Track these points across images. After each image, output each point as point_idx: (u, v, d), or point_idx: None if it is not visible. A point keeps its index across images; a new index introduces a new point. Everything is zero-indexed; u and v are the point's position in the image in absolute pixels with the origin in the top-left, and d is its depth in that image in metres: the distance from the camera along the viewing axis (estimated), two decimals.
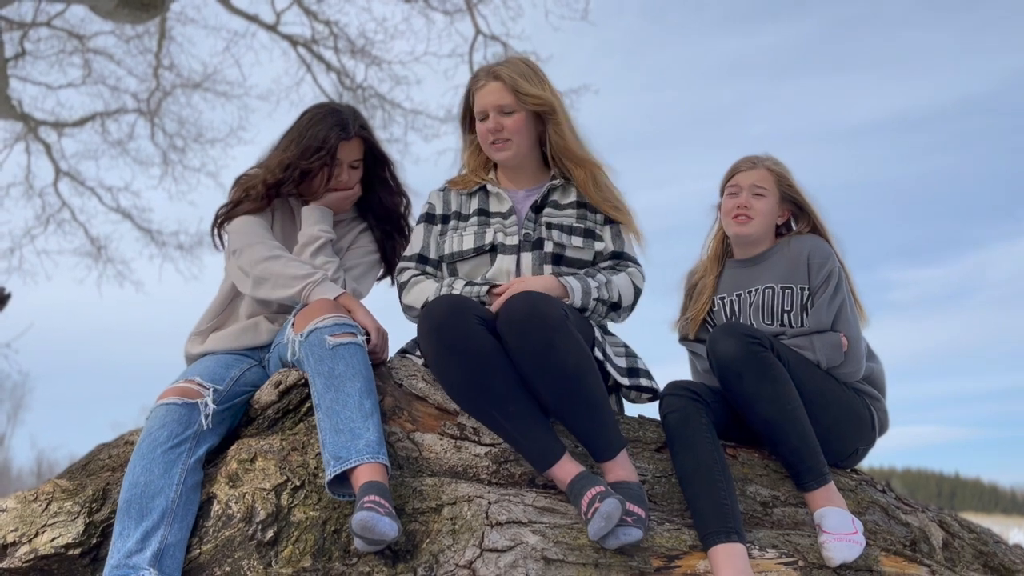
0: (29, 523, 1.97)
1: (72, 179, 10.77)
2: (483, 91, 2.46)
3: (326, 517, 1.93)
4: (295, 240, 2.49)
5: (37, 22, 9.63)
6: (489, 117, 2.45)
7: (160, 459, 1.95)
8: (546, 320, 2.04)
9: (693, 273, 2.72)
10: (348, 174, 2.52)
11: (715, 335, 2.22)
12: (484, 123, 2.46)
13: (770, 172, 2.56)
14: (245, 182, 2.52)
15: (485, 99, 2.45)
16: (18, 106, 9.68)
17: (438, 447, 2.13)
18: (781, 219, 2.61)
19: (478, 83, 2.49)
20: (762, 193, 2.54)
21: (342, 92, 10.15)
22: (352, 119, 2.50)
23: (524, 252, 2.39)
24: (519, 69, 2.47)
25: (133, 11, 7.95)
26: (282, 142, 2.53)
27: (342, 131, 2.46)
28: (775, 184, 2.55)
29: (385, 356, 2.26)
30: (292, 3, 9.73)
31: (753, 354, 2.16)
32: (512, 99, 2.43)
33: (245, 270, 2.35)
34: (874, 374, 2.49)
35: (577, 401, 2.04)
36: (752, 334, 2.19)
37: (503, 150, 2.46)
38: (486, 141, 2.47)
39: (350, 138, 2.48)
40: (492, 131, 2.44)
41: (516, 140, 2.46)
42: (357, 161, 2.54)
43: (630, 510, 1.92)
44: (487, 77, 2.47)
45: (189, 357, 2.42)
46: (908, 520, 2.33)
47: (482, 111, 2.46)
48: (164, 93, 10.59)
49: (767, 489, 2.25)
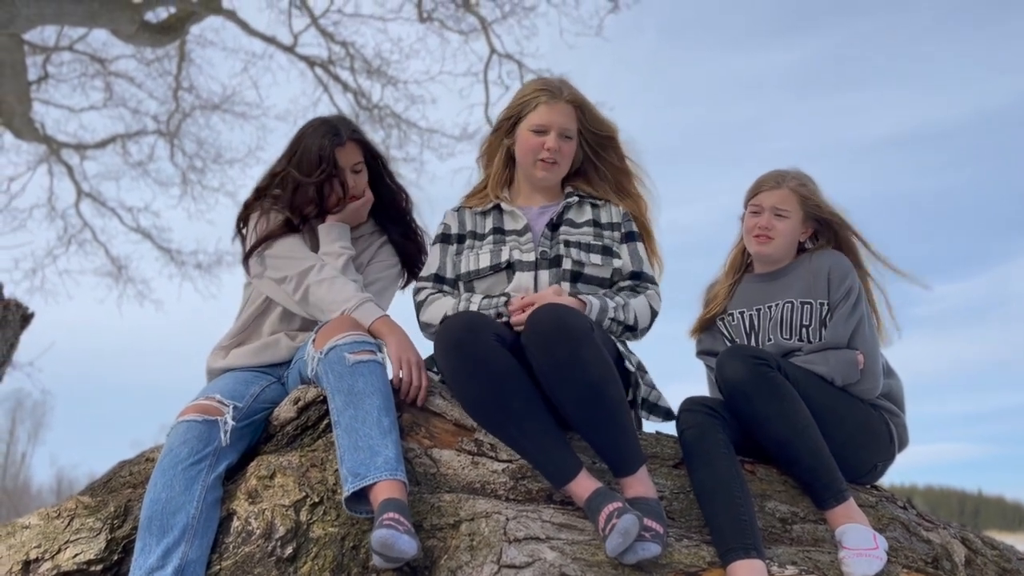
0: (52, 539, 1.99)
1: (93, 200, 10.91)
2: (552, 109, 2.46)
3: (345, 533, 1.94)
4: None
5: (60, 46, 9.80)
6: (551, 135, 2.45)
7: (181, 476, 1.97)
8: (572, 332, 2.04)
9: (713, 286, 2.73)
10: (354, 180, 2.53)
11: (722, 358, 2.23)
12: (541, 137, 2.46)
13: (793, 193, 2.55)
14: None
15: (554, 117, 2.45)
16: (41, 129, 9.83)
17: (456, 463, 2.14)
18: (804, 235, 2.60)
19: (545, 97, 2.47)
20: (784, 215, 2.53)
21: (358, 112, 10.24)
22: (342, 124, 2.52)
23: (542, 269, 2.40)
24: (584, 97, 2.52)
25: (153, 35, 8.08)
26: (279, 162, 2.57)
27: (335, 137, 2.48)
28: (799, 205, 2.55)
29: (419, 394, 2.17)
30: (309, 25, 9.84)
31: (760, 375, 2.16)
32: (576, 126, 2.47)
33: (292, 297, 2.39)
34: (892, 390, 2.48)
35: (600, 414, 2.04)
36: (758, 355, 2.20)
37: (549, 170, 2.48)
38: (534, 155, 2.47)
39: (343, 143, 2.49)
40: (550, 150, 2.45)
41: (562, 165, 2.50)
42: (359, 164, 2.54)
43: (648, 526, 1.91)
44: (559, 96, 2.47)
45: (211, 371, 2.44)
46: (930, 537, 2.30)
47: (545, 126, 2.46)
48: (184, 115, 10.73)
49: (786, 505, 2.24)
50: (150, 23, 8.06)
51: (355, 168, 2.53)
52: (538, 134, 2.46)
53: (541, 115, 2.46)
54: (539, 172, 2.49)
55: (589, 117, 2.51)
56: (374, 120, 10.23)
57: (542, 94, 2.49)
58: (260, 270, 2.46)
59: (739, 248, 2.70)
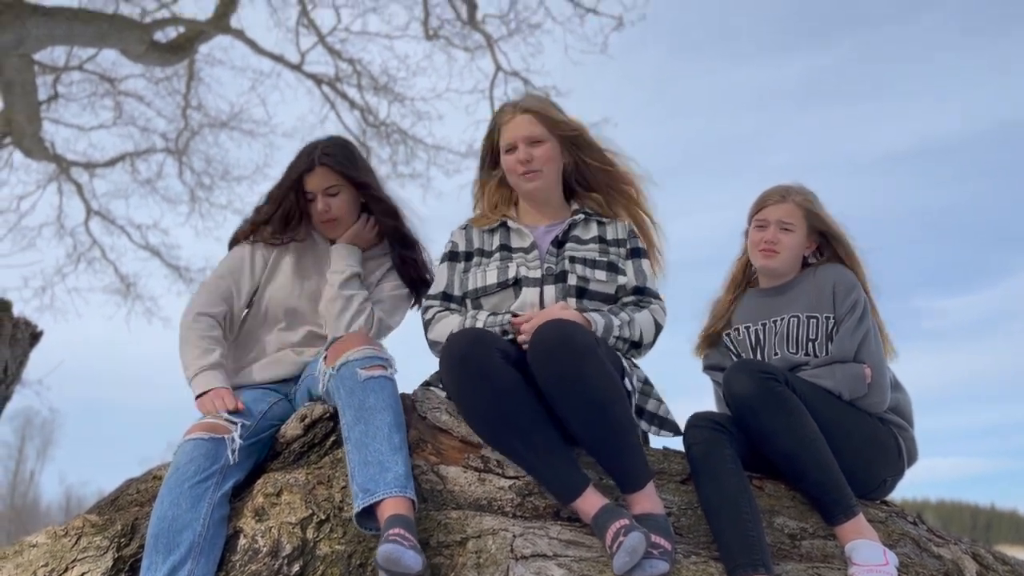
0: (59, 558, 1.99)
1: (103, 218, 10.97)
2: (512, 124, 2.51)
3: (352, 551, 1.94)
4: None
5: (70, 66, 9.89)
6: (519, 148, 2.49)
7: (188, 493, 1.97)
8: (577, 348, 2.04)
9: (718, 301, 2.73)
10: (325, 203, 2.54)
11: (729, 373, 2.22)
12: (513, 154, 2.50)
13: (798, 207, 2.56)
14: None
15: (514, 131, 2.50)
16: (51, 147, 9.90)
17: (462, 480, 2.13)
18: (809, 250, 2.60)
19: (504, 117, 2.53)
20: (790, 228, 2.54)
21: (365, 129, 10.31)
22: (317, 149, 2.56)
23: (547, 285, 2.40)
24: (543, 101, 2.57)
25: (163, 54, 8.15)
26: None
27: (306, 162, 2.54)
28: (803, 219, 2.55)
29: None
30: (317, 43, 9.92)
31: (768, 389, 2.15)
32: (542, 129, 2.49)
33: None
34: (900, 404, 2.47)
35: (605, 430, 2.03)
36: (766, 369, 2.19)
37: (533, 180, 2.50)
38: (516, 172, 2.51)
39: (312, 168, 2.53)
40: (523, 161, 2.48)
41: (545, 170, 2.51)
42: (333, 188, 2.55)
43: (656, 542, 1.90)
44: (514, 111, 2.53)
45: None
46: (940, 553, 2.28)
47: (511, 143, 2.50)
48: (192, 132, 10.81)
49: (795, 521, 2.23)
50: (159, 43, 8.14)
51: (329, 191, 2.55)
52: (510, 152, 2.51)
53: (506, 135, 2.52)
54: (527, 185, 2.52)
55: (551, 119, 2.52)
56: (381, 137, 10.30)
57: (501, 115, 2.56)
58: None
59: (741, 263, 2.70)
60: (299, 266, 2.56)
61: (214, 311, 2.45)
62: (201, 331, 2.40)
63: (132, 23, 7.75)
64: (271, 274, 2.54)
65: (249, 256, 2.55)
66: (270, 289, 2.52)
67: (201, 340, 2.38)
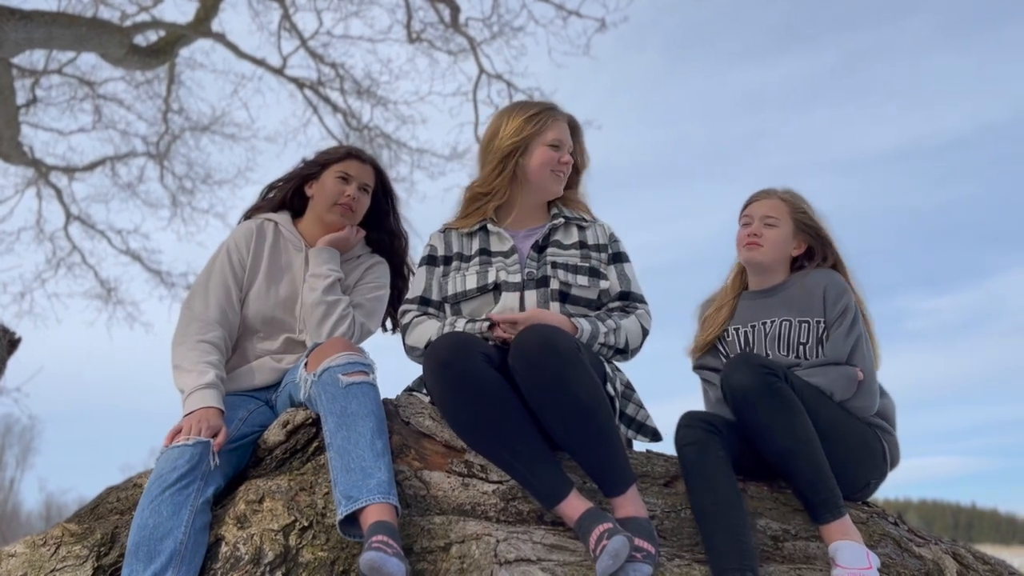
0: (38, 568, 1.97)
1: (82, 223, 10.86)
2: (561, 125, 2.58)
3: (335, 557, 1.93)
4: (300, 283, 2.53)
5: (48, 70, 9.80)
6: (562, 149, 2.56)
7: (168, 500, 1.95)
8: (559, 353, 2.04)
9: (708, 303, 2.74)
10: (356, 194, 2.62)
11: (729, 366, 2.22)
12: (557, 151, 2.56)
13: (783, 202, 2.58)
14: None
15: (563, 133, 2.58)
16: (29, 152, 9.80)
17: (446, 485, 2.13)
18: (797, 251, 2.61)
19: (555, 115, 2.59)
20: (773, 223, 2.56)
21: (348, 133, 10.27)
22: (370, 154, 2.69)
23: (528, 290, 2.40)
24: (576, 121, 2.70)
25: (143, 58, 8.08)
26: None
27: (358, 153, 2.66)
28: (788, 214, 2.58)
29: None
30: (299, 47, 9.88)
31: (768, 385, 2.15)
32: (571, 143, 2.62)
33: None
34: (885, 408, 2.48)
35: (588, 435, 2.04)
36: (767, 365, 2.19)
37: (560, 182, 2.58)
38: (549, 168, 2.55)
39: (364, 161, 2.65)
40: (565, 163, 2.56)
41: (566, 178, 2.62)
42: (367, 185, 2.65)
43: (639, 546, 1.91)
44: (564, 116, 2.62)
45: None
46: (921, 553, 2.30)
47: (559, 142, 2.56)
48: (173, 136, 10.73)
49: (777, 523, 2.24)
50: (139, 46, 8.06)
51: (363, 186, 2.65)
52: (556, 149, 2.56)
53: (554, 131, 2.57)
54: (554, 185, 2.58)
55: (580, 137, 2.67)
56: (364, 140, 10.25)
57: (551, 113, 2.60)
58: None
59: (736, 270, 2.72)
60: (270, 273, 2.54)
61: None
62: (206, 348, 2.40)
63: (112, 27, 7.68)
64: (249, 283, 2.52)
65: (230, 264, 2.54)
66: (249, 298, 2.50)
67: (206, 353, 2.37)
